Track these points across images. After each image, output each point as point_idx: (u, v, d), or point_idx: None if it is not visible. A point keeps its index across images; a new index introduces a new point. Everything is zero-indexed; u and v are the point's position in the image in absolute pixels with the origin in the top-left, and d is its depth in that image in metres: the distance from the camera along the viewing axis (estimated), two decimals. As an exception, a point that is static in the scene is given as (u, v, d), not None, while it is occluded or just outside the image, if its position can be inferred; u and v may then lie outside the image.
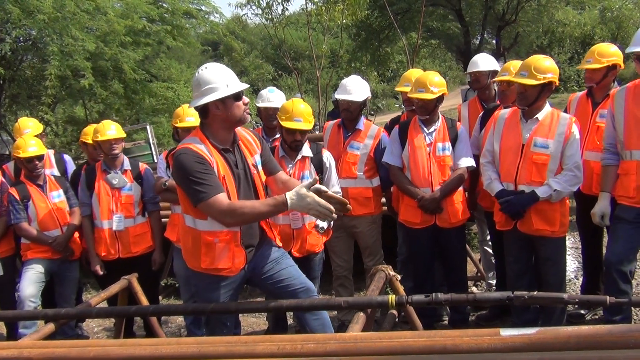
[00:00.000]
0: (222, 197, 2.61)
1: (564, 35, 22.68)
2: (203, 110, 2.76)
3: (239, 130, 2.91)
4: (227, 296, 2.85)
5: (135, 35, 10.15)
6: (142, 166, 4.50)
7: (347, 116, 4.23)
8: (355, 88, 4.16)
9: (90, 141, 4.56)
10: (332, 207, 2.54)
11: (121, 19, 9.61)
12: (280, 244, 3.04)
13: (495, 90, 4.42)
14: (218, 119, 2.75)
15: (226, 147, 2.79)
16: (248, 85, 2.80)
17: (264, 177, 2.95)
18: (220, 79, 2.71)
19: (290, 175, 3.76)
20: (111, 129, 4.28)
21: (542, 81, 3.37)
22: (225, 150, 2.79)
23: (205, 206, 2.62)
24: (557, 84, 3.50)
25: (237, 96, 2.73)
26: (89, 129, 4.69)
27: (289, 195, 2.55)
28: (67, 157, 5.16)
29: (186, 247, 2.88)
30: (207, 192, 2.60)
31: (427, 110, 3.94)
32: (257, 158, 2.91)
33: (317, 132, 8.00)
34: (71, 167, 5.06)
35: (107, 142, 4.26)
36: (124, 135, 4.42)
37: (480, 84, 4.43)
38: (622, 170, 3.43)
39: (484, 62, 4.43)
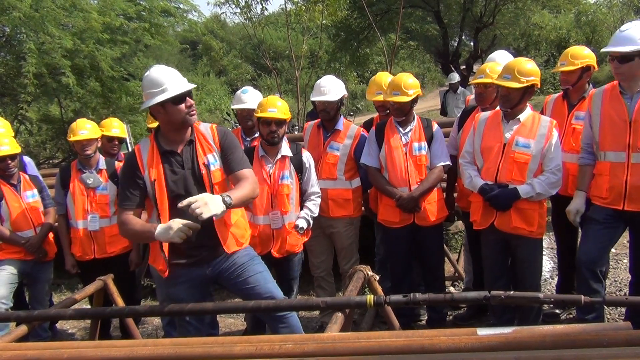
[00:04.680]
0: (125, 210, 2.81)
1: (540, 38, 22.99)
2: (151, 113, 2.87)
3: (201, 127, 2.92)
4: (187, 293, 2.88)
5: (112, 32, 10.00)
6: (118, 165, 4.43)
7: (325, 117, 4.23)
8: (330, 88, 4.16)
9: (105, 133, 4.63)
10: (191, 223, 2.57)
11: (98, 16, 9.46)
12: (228, 249, 2.95)
13: None
14: (163, 121, 2.83)
15: (172, 149, 2.84)
16: (189, 87, 2.78)
17: (218, 177, 2.90)
18: (159, 83, 2.73)
19: (270, 175, 3.75)
20: (84, 130, 4.22)
21: (525, 84, 3.43)
22: (170, 153, 2.83)
23: (118, 210, 2.89)
24: (539, 86, 3.56)
25: (176, 100, 2.73)
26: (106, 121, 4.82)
27: (159, 225, 2.64)
28: (27, 159, 4.99)
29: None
30: (120, 202, 2.87)
31: (402, 112, 3.96)
32: (212, 157, 2.89)
33: (296, 133, 7.99)
34: (31, 169, 4.88)
35: (79, 143, 4.20)
36: (98, 135, 4.36)
37: None
38: (597, 171, 3.49)
39: (502, 59, 4.40)
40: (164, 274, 2.88)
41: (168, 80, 2.73)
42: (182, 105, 2.75)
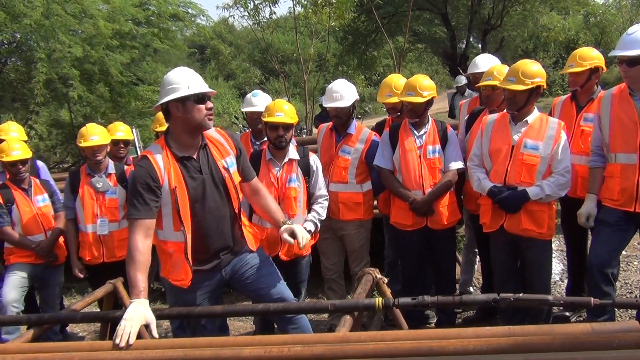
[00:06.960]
0: (141, 223, 2.62)
1: (549, 40, 22.90)
2: (166, 113, 2.75)
3: (210, 131, 2.89)
4: (203, 298, 2.87)
5: (121, 38, 10.08)
6: (127, 168, 4.46)
7: (338, 122, 4.23)
8: (342, 93, 4.14)
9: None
10: (127, 342, 2.30)
11: (108, 22, 9.53)
12: (253, 247, 2.99)
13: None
14: (179, 121, 2.73)
15: (187, 155, 2.77)
16: (211, 90, 2.76)
17: (237, 179, 2.91)
18: (182, 80, 2.69)
19: (277, 178, 3.76)
20: (94, 135, 4.24)
21: (530, 86, 3.41)
22: (186, 158, 2.77)
23: (129, 223, 2.69)
24: (545, 87, 3.55)
25: (198, 99, 2.69)
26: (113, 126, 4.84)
27: (138, 300, 2.49)
28: (40, 164, 5.02)
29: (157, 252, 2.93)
30: (133, 213, 2.65)
31: (416, 114, 3.95)
32: (230, 160, 2.88)
33: (304, 136, 7.99)
34: (44, 173, 4.91)
35: (90, 149, 4.22)
36: (108, 140, 4.38)
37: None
38: (608, 173, 3.47)
39: (484, 63, 4.47)
40: (185, 284, 2.81)
41: (191, 79, 2.71)
42: (203, 106, 2.70)
